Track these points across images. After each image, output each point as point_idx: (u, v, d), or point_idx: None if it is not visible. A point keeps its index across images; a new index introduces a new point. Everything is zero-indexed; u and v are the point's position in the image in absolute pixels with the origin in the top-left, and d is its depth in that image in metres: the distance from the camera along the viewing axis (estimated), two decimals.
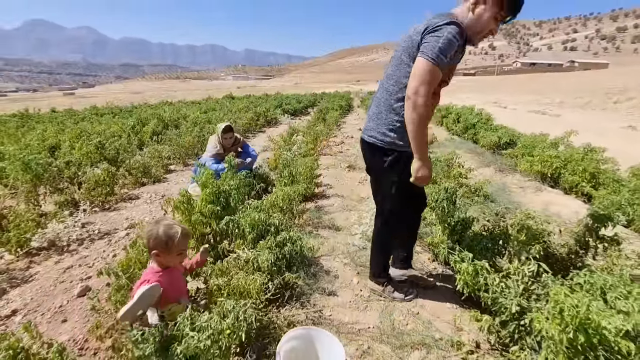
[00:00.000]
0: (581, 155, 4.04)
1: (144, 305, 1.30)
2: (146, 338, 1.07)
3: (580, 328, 1.12)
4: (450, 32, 1.47)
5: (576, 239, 2.11)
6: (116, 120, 10.12)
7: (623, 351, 1.18)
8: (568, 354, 1.21)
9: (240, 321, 1.14)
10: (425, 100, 1.49)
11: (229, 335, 1.11)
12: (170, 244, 1.40)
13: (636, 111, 16.01)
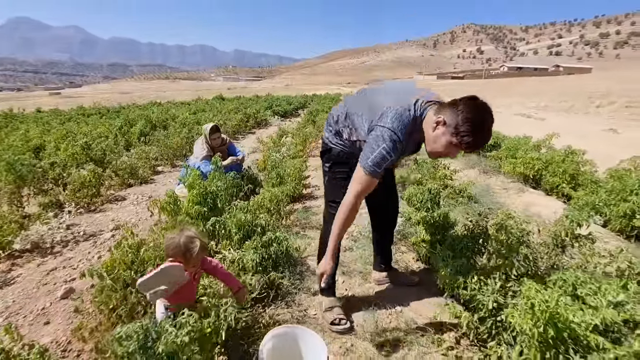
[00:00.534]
0: (562, 157, 4.17)
1: (162, 281, 1.30)
2: (130, 335, 1.08)
3: (550, 322, 1.18)
4: (385, 148, 1.46)
5: (553, 238, 2.18)
6: (103, 121, 9.98)
7: (592, 345, 1.25)
8: (540, 348, 1.27)
9: (220, 320, 1.16)
10: (356, 205, 1.56)
11: (210, 333, 1.13)
12: (188, 256, 1.41)
13: (617, 115, 16.54)
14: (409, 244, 2.75)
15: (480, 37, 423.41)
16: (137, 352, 1.10)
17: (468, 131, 1.34)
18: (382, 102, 1.58)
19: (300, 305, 2.05)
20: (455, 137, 1.37)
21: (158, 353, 1.07)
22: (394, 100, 1.56)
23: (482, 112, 1.36)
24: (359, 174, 1.54)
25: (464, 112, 1.35)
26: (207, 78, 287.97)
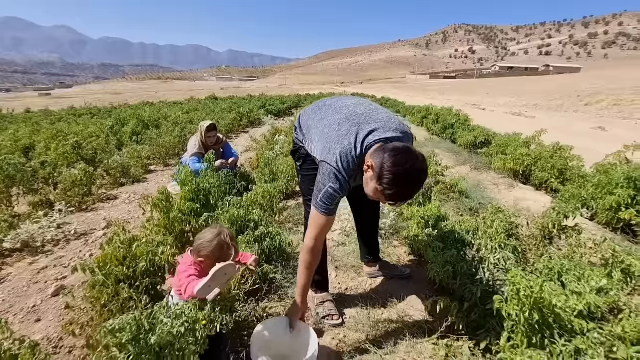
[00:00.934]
0: (550, 153, 4.24)
1: (218, 283, 1.27)
2: (122, 327, 1.09)
3: (535, 307, 1.21)
4: (331, 187, 1.43)
5: (541, 230, 2.23)
6: (95, 121, 9.88)
7: (577, 329, 1.28)
8: (527, 333, 1.30)
9: (216, 311, 1.17)
10: (315, 247, 1.56)
11: (205, 325, 1.14)
12: (227, 249, 1.42)
13: (605, 113, 16.84)
14: (401, 239, 2.78)
15: (472, 37, 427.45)
16: (130, 344, 1.11)
17: (389, 183, 1.24)
18: (335, 128, 1.51)
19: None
20: (378, 185, 1.28)
21: (151, 344, 1.08)
22: (347, 128, 1.47)
23: (408, 165, 1.24)
24: (313, 216, 1.53)
25: (388, 161, 1.25)
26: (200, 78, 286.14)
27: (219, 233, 1.42)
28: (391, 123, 1.51)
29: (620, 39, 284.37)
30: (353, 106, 1.61)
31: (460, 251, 1.98)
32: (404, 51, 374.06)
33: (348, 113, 1.56)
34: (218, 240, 1.39)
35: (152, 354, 1.08)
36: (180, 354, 1.12)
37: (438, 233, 2.28)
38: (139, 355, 1.10)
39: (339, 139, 1.46)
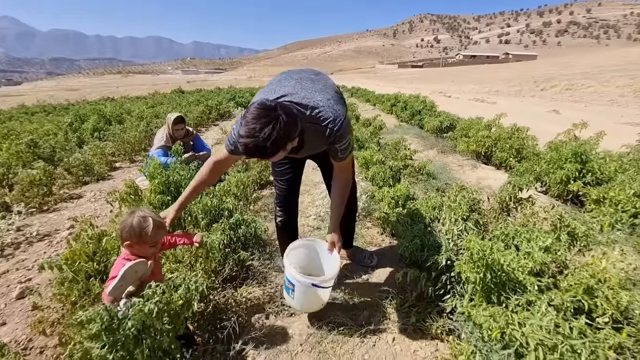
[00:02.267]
0: (509, 135, 4.51)
1: (129, 281, 1.23)
2: (92, 318, 1.08)
3: (488, 268, 1.33)
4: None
5: (499, 203, 2.41)
6: (50, 119, 9.26)
7: (528, 286, 1.42)
8: (484, 292, 1.43)
9: (191, 291, 1.19)
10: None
11: (182, 305, 1.16)
12: (144, 235, 1.33)
13: (559, 97, 17.96)
14: (374, 220, 2.89)
15: (437, 27, 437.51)
16: (103, 334, 1.10)
17: (240, 133, 1.24)
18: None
19: (272, 282, 2.11)
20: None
21: (127, 329, 1.08)
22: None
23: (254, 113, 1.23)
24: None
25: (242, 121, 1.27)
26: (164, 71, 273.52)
27: (131, 212, 1.38)
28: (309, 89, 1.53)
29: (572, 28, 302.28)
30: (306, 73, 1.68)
31: (427, 226, 2.10)
32: (372, 41, 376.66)
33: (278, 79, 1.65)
34: (131, 221, 1.34)
35: (130, 338, 1.09)
36: (158, 337, 1.14)
37: (407, 211, 2.40)
38: (115, 343, 1.10)
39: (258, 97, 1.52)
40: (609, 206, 2.64)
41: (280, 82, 1.58)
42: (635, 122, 8.92)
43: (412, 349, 1.57)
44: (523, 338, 1.02)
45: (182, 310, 1.18)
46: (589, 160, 3.15)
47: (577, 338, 1.00)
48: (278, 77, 1.66)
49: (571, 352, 0.98)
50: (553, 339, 0.99)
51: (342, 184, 1.74)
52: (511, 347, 1.05)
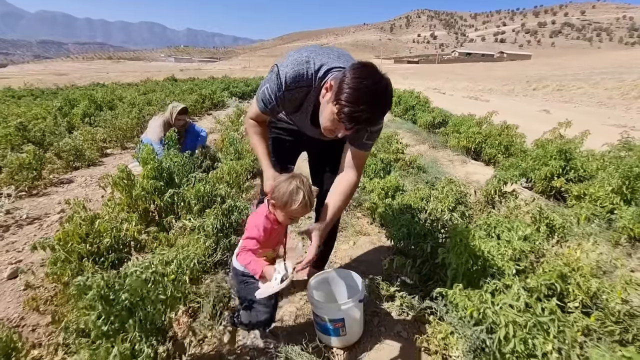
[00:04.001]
0: (499, 132, 4.61)
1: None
2: (90, 285, 1.12)
3: (470, 254, 1.40)
4: (268, 88, 1.32)
5: (485, 195, 2.49)
6: (38, 103, 9.06)
7: (507, 271, 1.50)
8: (465, 278, 1.50)
9: (183, 267, 1.23)
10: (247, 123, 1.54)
11: (173, 281, 1.20)
12: (288, 206, 1.26)
13: (550, 97, 18.24)
14: (364, 210, 2.95)
15: (434, 23, 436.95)
16: (99, 302, 1.14)
17: (348, 98, 1.06)
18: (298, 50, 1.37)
19: None
20: (336, 104, 1.10)
21: (121, 300, 1.12)
22: (313, 50, 1.33)
23: (371, 79, 1.08)
24: (252, 102, 1.46)
25: (350, 75, 1.08)
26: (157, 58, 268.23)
27: (292, 176, 1.29)
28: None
29: (565, 29, 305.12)
30: (331, 47, 1.45)
31: (414, 216, 2.17)
32: (369, 34, 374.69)
33: (322, 46, 1.42)
34: (287, 186, 1.25)
35: (124, 309, 1.13)
36: (151, 309, 1.19)
37: (396, 202, 2.46)
38: (109, 314, 1.15)
39: (299, 51, 1.33)
40: (588, 202, 2.76)
41: (323, 52, 1.34)
42: (620, 124, 9.14)
43: (395, 330, 1.65)
44: (495, 316, 1.09)
45: (175, 286, 1.22)
46: (573, 158, 3.27)
47: (546, 317, 1.08)
48: (312, 48, 1.37)
49: (540, 329, 1.06)
50: (523, 317, 1.07)
51: (353, 183, 1.44)
52: (484, 324, 1.12)
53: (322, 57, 1.29)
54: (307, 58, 1.27)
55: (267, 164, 1.49)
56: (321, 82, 1.27)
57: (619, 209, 2.52)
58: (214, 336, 1.64)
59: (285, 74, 1.26)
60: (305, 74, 1.26)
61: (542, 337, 1.04)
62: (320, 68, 1.26)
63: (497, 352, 1.07)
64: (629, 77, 19.62)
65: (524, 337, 1.03)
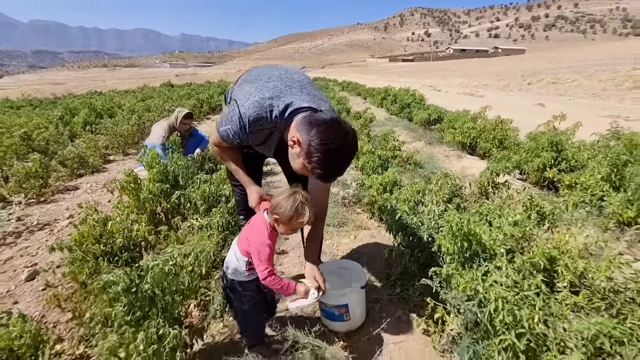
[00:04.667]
0: (493, 126, 4.72)
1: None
2: (115, 280, 1.22)
3: (465, 238, 1.50)
4: (230, 129, 1.35)
5: (479, 187, 2.60)
6: (38, 112, 9.15)
7: (498, 254, 1.60)
8: (460, 262, 1.60)
9: (200, 259, 1.33)
10: (215, 145, 1.56)
11: (190, 272, 1.30)
12: (293, 221, 1.33)
13: (545, 90, 18.37)
14: (363, 206, 3.05)
15: (428, 20, 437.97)
16: (123, 294, 1.25)
17: (318, 162, 1.16)
18: (263, 79, 1.40)
19: None
20: (307, 162, 1.19)
21: (144, 290, 1.22)
22: (276, 85, 1.35)
23: (336, 138, 1.16)
24: (213, 131, 1.49)
25: (316, 138, 1.15)
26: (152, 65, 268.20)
27: (294, 192, 1.35)
28: (323, 101, 1.41)
29: (559, 22, 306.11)
30: (292, 72, 1.50)
31: (412, 208, 2.27)
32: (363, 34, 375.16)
33: (284, 75, 1.44)
34: (292, 203, 1.31)
35: (146, 299, 1.23)
36: (170, 299, 1.29)
37: (394, 196, 2.56)
38: (133, 303, 1.25)
39: (260, 89, 1.33)
40: (580, 190, 2.86)
41: (285, 86, 1.37)
42: (614, 115, 9.25)
43: (396, 315, 1.75)
44: (485, 292, 1.19)
45: (191, 277, 1.32)
46: (564, 149, 3.37)
47: (532, 291, 1.18)
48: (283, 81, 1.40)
49: (526, 303, 1.16)
50: (511, 292, 1.17)
51: (323, 211, 1.59)
52: (475, 299, 1.22)
53: (285, 96, 1.31)
54: (269, 101, 1.28)
55: (248, 181, 1.58)
56: (285, 123, 1.30)
57: (608, 195, 2.62)
58: (226, 326, 1.74)
59: (247, 117, 1.28)
60: (268, 117, 1.29)
61: (528, 310, 1.14)
62: (285, 109, 1.29)
63: (488, 325, 1.18)
64: (623, 68, 19.80)
65: (512, 309, 1.13)
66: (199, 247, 1.37)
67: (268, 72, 1.48)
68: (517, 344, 1.12)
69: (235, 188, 1.87)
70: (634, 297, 1.44)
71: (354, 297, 1.60)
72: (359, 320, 1.69)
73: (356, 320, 1.68)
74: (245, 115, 1.28)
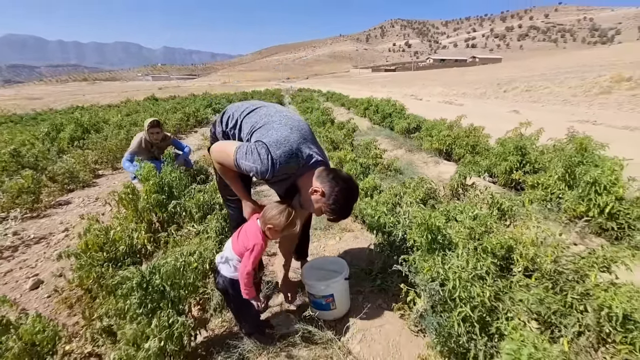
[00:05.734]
0: (466, 134, 5.07)
1: None
2: (129, 276, 1.40)
3: (428, 229, 1.75)
4: (258, 168, 1.51)
5: (450, 189, 2.87)
6: (20, 128, 9.08)
7: (460, 243, 1.85)
8: (427, 250, 1.84)
9: (203, 257, 1.52)
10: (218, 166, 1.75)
11: (195, 268, 1.49)
12: (286, 229, 1.59)
13: (519, 98, 19.26)
14: None
15: (408, 32, 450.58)
16: (136, 290, 1.43)
17: (336, 209, 1.58)
18: (286, 129, 1.62)
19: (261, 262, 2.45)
20: (327, 208, 1.58)
21: (155, 285, 1.41)
22: (299, 138, 1.62)
23: (351, 195, 1.61)
24: (227, 152, 1.61)
25: (338, 193, 1.54)
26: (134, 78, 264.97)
27: (287, 207, 1.59)
28: (323, 152, 1.78)
29: (532, 32, 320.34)
30: (298, 121, 1.76)
31: (390, 210, 2.52)
32: (345, 45, 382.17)
33: (296, 124, 1.71)
34: (286, 216, 1.56)
35: (157, 293, 1.42)
36: (177, 292, 1.47)
37: (374, 199, 2.81)
38: (145, 297, 1.43)
39: (287, 138, 1.58)
40: (541, 190, 3.18)
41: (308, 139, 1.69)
42: (583, 120, 9.88)
43: (377, 303, 1.97)
44: (445, 273, 1.43)
45: (195, 274, 1.51)
46: (527, 153, 3.71)
47: (482, 270, 1.43)
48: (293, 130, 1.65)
49: (479, 280, 1.41)
50: (465, 272, 1.41)
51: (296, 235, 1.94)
52: (437, 280, 1.45)
53: (306, 147, 1.64)
54: (296, 151, 1.58)
55: (244, 195, 1.84)
56: (305, 168, 1.63)
57: (563, 193, 2.94)
58: (225, 321, 1.92)
59: (279, 162, 1.52)
60: (296, 166, 1.60)
61: (479, 286, 1.38)
62: (308, 160, 1.63)
63: (448, 300, 1.41)
64: (590, 75, 20.95)
65: (466, 286, 1.37)
66: (202, 247, 1.56)
67: (278, 115, 1.73)
68: (472, 315, 1.36)
69: (230, 204, 2.01)
70: (575, 278, 1.71)
71: (338, 287, 1.82)
72: (344, 309, 1.91)
73: (342, 309, 1.89)
74: (277, 160, 1.52)
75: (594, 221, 2.68)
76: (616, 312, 1.40)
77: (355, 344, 1.69)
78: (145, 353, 1.20)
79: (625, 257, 1.61)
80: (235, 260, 1.60)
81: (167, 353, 1.35)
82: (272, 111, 1.77)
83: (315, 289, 1.82)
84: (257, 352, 1.62)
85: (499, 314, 1.43)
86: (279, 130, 1.61)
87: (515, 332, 1.25)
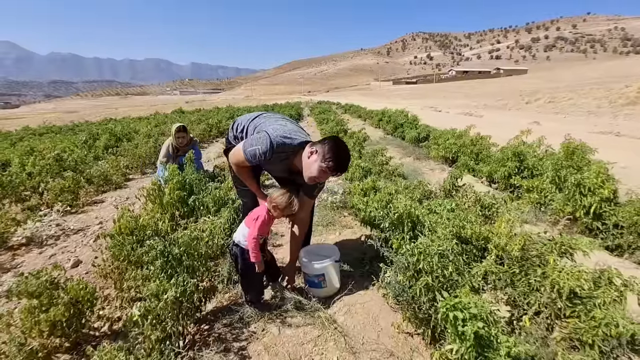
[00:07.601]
0: (472, 142, 5.24)
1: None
2: (153, 246, 1.74)
3: (409, 218, 1.99)
4: (258, 149, 1.84)
5: (443, 189, 3.09)
6: (60, 137, 9.98)
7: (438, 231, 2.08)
8: (404, 236, 2.08)
9: (213, 233, 1.84)
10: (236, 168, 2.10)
11: (207, 242, 1.81)
12: (286, 210, 1.94)
13: (542, 109, 18.93)
14: (348, 209, 3.55)
15: (429, 44, 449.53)
16: (158, 258, 1.76)
17: (331, 157, 1.79)
18: (282, 123, 2.03)
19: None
20: (323, 162, 1.80)
21: (175, 252, 1.74)
22: (295, 128, 2.03)
23: (341, 145, 1.86)
24: (237, 151, 1.96)
25: (329, 145, 1.81)
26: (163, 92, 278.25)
27: (287, 191, 1.95)
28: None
29: (559, 43, 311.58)
30: (293, 122, 2.19)
31: (384, 206, 2.77)
32: (366, 59, 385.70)
33: (290, 121, 2.18)
34: (288, 198, 1.92)
35: (176, 260, 1.74)
36: (192, 261, 1.79)
37: (370, 198, 3.06)
38: (166, 262, 1.76)
39: (284, 126, 1.99)
40: (536, 193, 3.34)
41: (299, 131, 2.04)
42: (606, 131, 9.69)
43: (364, 285, 2.22)
44: (412, 249, 1.68)
45: (207, 248, 1.83)
46: (525, 159, 3.86)
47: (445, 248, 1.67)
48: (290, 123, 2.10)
49: (443, 257, 1.64)
50: (429, 248, 1.65)
51: (306, 222, 2.28)
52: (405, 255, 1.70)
53: (297, 133, 1.97)
54: (290, 133, 1.92)
55: (258, 190, 2.20)
56: (298, 151, 1.93)
57: (554, 196, 3.09)
58: (230, 296, 2.22)
59: (276, 142, 1.84)
60: (290, 144, 1.90)
61: (442, 259, 1.61)
62: (301, 141, 1.93)
63: (414, 271, 1.65)
64: (617, 85, 20.32)
65: (430, 260, 1.61)
66: (214, 223, 1.88)
67: (276, 116, 2.17)
68: (433, 283, 1.59)
69: (243, 193, 2.33)
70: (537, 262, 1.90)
71: (329, 268, 2.09)
72: (334, 288, 2.17)
73: (332, 288, 2.15)
74: (274, 141, 1.84)
75: (580, 221, 2.82)
76: (564, 289, 1.60)
77: (340, 315, 1.94)
78: (164, 303, 1.52)
79: (583, 244, 1.80)
80: (247, 231, 1.96)
81: (182, 309, 1.67)
82: (271, 115, 2.16)
83: (309, 268, 2.10)
84: (256, 318, 1.90)
85: (459, 285, 1.65)
86: (277, 122, 2.03)
87: (466, 297, 1.48)
